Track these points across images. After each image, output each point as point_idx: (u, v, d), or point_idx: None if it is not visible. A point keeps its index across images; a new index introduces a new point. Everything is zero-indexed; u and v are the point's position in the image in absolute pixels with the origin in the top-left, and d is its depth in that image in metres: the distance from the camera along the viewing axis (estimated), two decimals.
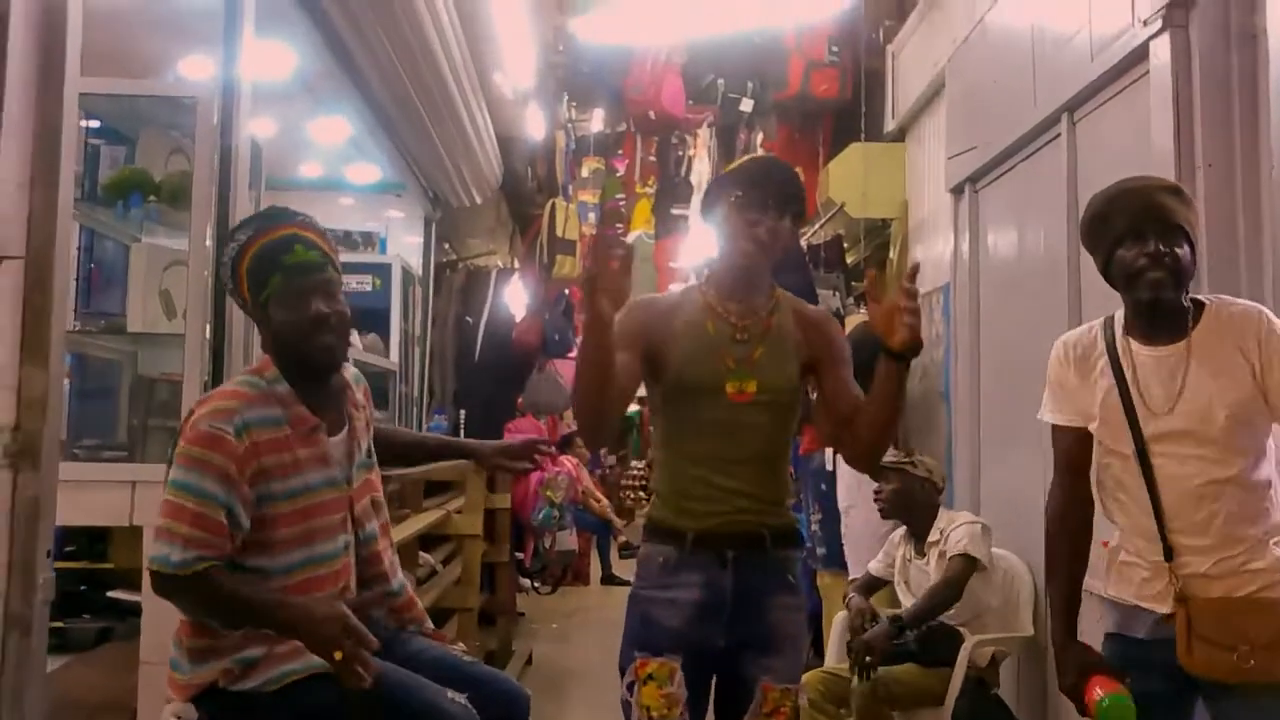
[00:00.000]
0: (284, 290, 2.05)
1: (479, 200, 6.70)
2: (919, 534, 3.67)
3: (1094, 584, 2.24)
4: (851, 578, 4.07)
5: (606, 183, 10.21)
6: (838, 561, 4.44)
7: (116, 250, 3.67)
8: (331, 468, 2.11)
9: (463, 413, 7.09)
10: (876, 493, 3.78)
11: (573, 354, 7.39)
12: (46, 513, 2.15)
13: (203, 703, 2.01)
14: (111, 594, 3.85)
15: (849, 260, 5.78)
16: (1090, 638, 2.16)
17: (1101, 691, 2.02)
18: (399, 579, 2.29)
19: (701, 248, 7.44)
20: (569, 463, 8.17)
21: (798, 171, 2.36)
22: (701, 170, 8.31)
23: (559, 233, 7.37)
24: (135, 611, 2.87)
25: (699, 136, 8.53)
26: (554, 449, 8.35)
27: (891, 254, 5.37)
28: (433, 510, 4.28)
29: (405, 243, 6.80)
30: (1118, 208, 2.07)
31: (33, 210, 2.15)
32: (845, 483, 4.42)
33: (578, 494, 8.31)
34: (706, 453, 2.13)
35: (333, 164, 6.05)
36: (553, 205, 7.52)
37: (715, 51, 6.99)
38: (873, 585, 3.80)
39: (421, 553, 3.97)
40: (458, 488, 4.86)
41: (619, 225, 10.03)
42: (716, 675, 2.18)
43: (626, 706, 2.13)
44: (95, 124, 3.38)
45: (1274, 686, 1.92)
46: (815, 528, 4.65)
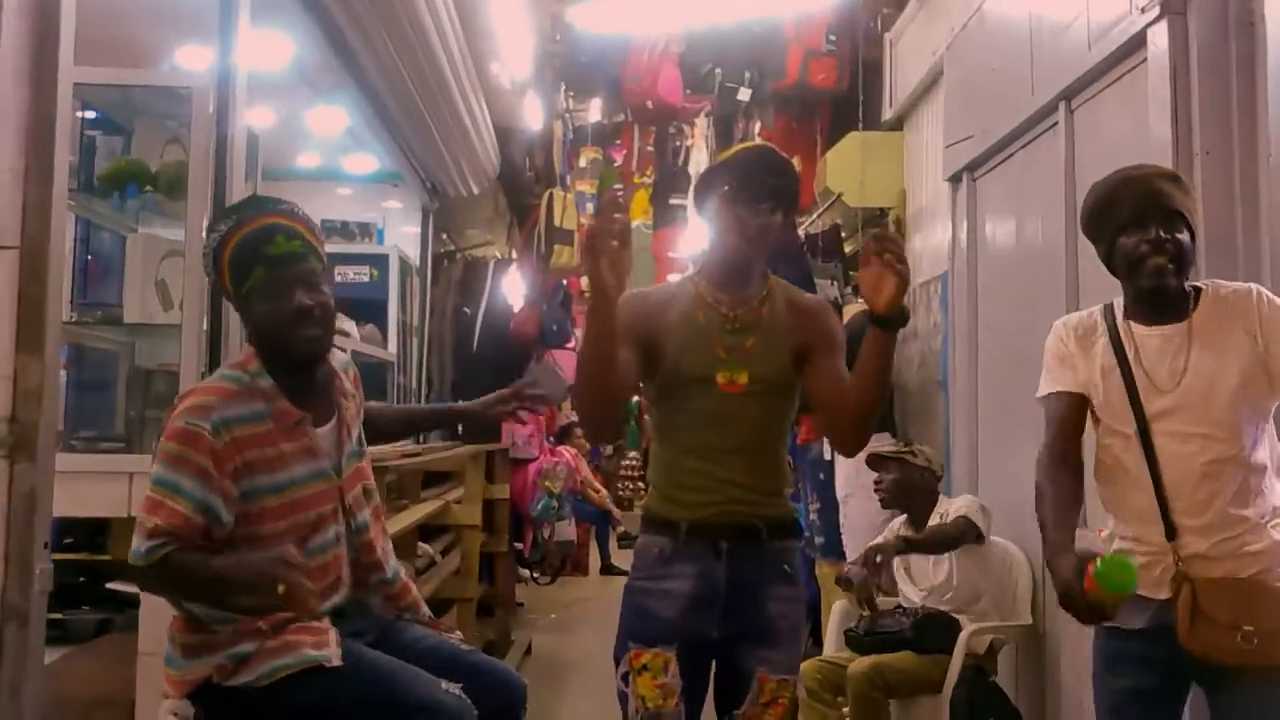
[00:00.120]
0: (266, 282, 2.03)
1: (476, 190, 6.68)
2: (919, 522, 3.67)
3: None
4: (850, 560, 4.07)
5: (604, 173, 10.16)
6: (836, 551, 4.45)
7: (113, 241, 3.66)
8: (320, 459, 2.11)
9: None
10: (877, 483, 3.79)
11: (571, 344, 7.39)
12: (43, 504, 2.14)
13: (198, 699, 2.01)
14: (110, 586, 3.85)
15: (847, 250, 5.76)
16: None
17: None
18: (393, 566, 2.28)
19: (699, 238, 7.43)
20: (567, 453, 8.19)
21: (792, 160, 2.31)
22: (699, 160, 8.27)
23: (557, 223, 7.34)
24: (134, 603, 2.87)
25: (697, 126, 8.50)
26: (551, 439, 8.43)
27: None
28: (431, 501, 4.28)
29: (403, 233, 6.78)
30: (1119, 196, 2.08)
31: (27, 201, 2.14)
32: (843, 472, 4.42)
33: (576, 484, 8.33)
34: (699, 443, 2.13)
35: (330, 154, 6.03)
36: (550, 195, 7.49)
37: (713, 41, 6.96)
38: None
39: (420, 543, 3.97)
40: (456, 478, 4.87)
41: (618, 215, 9.96)
42: (715, 666, 2.18)
43: (623, 697, 2.13)
44: (91, 114, 3.37)
45: (1273, 671, 1.92)
46: (813, 517, 4.66)
